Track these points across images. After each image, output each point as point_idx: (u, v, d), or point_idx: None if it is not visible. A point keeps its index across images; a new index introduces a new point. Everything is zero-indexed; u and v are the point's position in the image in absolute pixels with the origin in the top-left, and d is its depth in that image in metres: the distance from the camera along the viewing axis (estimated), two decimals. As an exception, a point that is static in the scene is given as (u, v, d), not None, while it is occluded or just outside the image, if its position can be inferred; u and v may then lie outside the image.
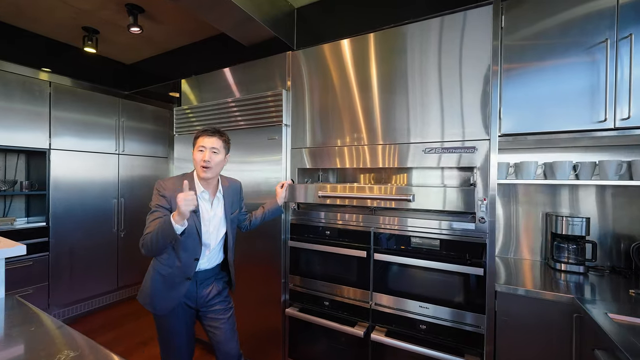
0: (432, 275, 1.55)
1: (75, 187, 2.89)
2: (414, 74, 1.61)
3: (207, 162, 1.40)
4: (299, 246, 1.91)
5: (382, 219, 1.68)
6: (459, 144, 1.49)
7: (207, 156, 1.40)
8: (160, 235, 1.25)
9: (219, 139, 1.45)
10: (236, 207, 1.60)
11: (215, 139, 1.43)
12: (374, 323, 1.70)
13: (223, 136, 1.47)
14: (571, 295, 1.30)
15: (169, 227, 1.23)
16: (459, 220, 1.50)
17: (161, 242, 1.27)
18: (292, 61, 1.99)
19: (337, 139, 1.83)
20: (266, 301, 2.04)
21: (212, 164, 1.41)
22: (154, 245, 1.28)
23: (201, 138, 1.42)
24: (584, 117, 1.36)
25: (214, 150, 1.42)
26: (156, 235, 1.26)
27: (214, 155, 1.42)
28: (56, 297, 2.74)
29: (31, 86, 2.60)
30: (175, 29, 2.55)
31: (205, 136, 1.42)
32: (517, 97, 1.49)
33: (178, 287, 1.40)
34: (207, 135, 1.42)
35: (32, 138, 2.62)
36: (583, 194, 1.75)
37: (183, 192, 1.24)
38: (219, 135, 1.45)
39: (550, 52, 1.42)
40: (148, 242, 1.28)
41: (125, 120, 3.26)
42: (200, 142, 1.42)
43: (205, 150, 1.41)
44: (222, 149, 1.46)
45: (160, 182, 1.41)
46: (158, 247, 1.29)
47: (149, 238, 1.28)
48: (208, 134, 1.43)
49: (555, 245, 1.69)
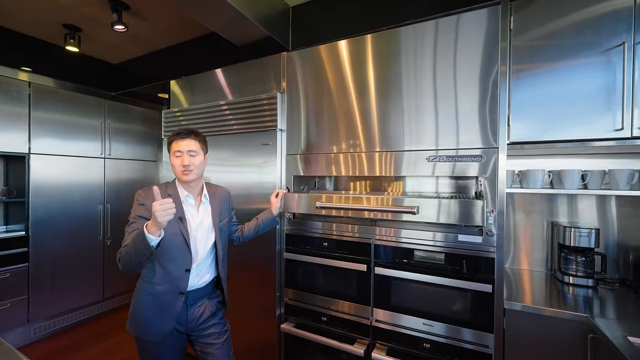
0: (437, 291, 1.46)
1: (57, 194, 2.73)
2: (416, 77, 1.52)
3: (187, 167, 1.30)
4: (295, 258, 1.81)
5: (383, 230, 1.59)
6: (466, 152, 1.41)
7: (186, 160, 1.30)
8: (132, 250, 1.12)
9: (194, 139, 1.34)
10: (225, 216, 1.48)
11: (190, 141, 1.32)
12: (374, 340, 1.61)
13: (198, 136, 1.37)
14: (585, 314, 1.22)
15: (142, 239, 1.08)
16: (466, 233, 1.42)
17: (134, 259, 1.13)
18: (287, 62, 1.88)
19: (334, 145, 1.73)
20: (260, 315, 1.93)
21: (192, 167, 1.31)
22: (129, 261, 1.14)
23: (175, 142, 1.32)
24: (599, 124, 1.28)
25: (192, 153, 1.32)
26: (130, 252, 1.13)
27: (193, 158, 1.32)
28: (37, 311, 2.58)
29: (8, 87, 2.44)
30: (163, 27, 2.42)
31: (179, 139, 1.31)
32: (526, 100, 1.41)
33: (172, 306, 1.28)
34: (180, 138, 1.32)
35: (10, 142, 2.46)
36: (588, 203, 1.69)
37: (157, 200, 1.08)
38: (193, 136, 1.34)
39: (562, 53, 1.35)
40: (124, 257, 1.15)
41: (111, 122, 3.11)
42: (176, 146, 1.31)
43: (182, 154, 1.31)
44: (200, 150, 1.36)
45: (140, 191, 1.30)
46: (132, 264, 1.14)
47: (125, 252, 1.15)
48: (182, 136, 1.32)
49: (562, 256, 1.62)
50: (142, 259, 1.13)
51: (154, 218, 1.07)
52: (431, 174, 1.47)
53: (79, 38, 2.46)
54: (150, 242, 1.09)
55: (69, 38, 2.40)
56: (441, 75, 1.46)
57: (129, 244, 1.14)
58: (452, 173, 1.43)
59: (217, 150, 2.08)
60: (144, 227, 1.10)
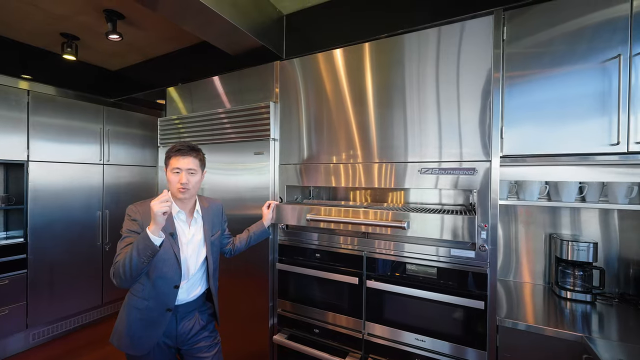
0: (429, 306, 1.43)
1: (56, 200, 2.75)
2: (412, 87, 1.49)
3: (185, 185, 1.28)
4: (288, 269, 1.79)
5: (376, 242, 1.57)
6: (457, 164, 1.38)
7: (184, 179, 1.28)
8: (135, 253, 1.11)
9: (195, 158, 1.32)
10: (217, 229, 1.47)
11: (190, 159, 1.30)
12: (366, 354, 1.59)
13: (199, 154, 1.35)
14: (580, 334, 1.18)
15: (146, 239, 1.10)
16: (458, 247, 1.39)
17: (136, 261, 1.11)
18: (281, 71, 1.87)
19: (330, 155, 1.71)
20: (253, 326, 1.92)
21: (189, 186, 1.30)
22: (129, 267, 1.11)
23: (175, 159, 1.29)
24: (594, 138, 1.24)
25: (191, 171, 1.31)
26: (130, 255, 1.11)
27: (191, 177, 1.31)
28: (35, 316, 2.60)
29: (7, 95, 2.46)
30: (158, 36, 2.43)
31: (180, 156, 1.29)
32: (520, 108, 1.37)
33: (158, 322, 1.27)
34: (181, 156, 1.29)
35: (9, 149, 2.48)
36: (587, 215, 1.64)
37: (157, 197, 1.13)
38: (194, 154, 1.33)
39: (556, 64, 1.31)
40: (120, 267, 1.13)
41: (110, 128, 3.13)
42: (175, 163, 1.29)
43: (181, 172, 1.29)
44: (199, 168, 1.34)
45: (131, 207, 1.29)
46: (134, 269, 1.12)
47: (121, 262, 1.13)
48: (182, 153, 1.30)
49: (559, 270, 1.58)
50: (142, 259, 1.11)
51: (152, 213, 1.10)
52: (431, 186, 1.43)
53: (76, 46, 2.47)
54: (153, 241, 1.11)
55: (66, 47, 2.42)
56: (424, 88, 1.44)
57: (129, 251, 1.13)
58: (452, 187, 1.40)
59: (212, 158, 2.07)
60: (145, 230, 1.13)
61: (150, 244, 1.11)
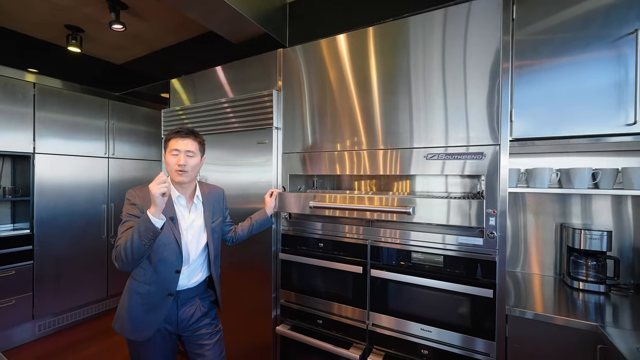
0: (435, 295, 1.39)
1: (62, 192, 2.77)
2: (417, 72, 1.45)
3: (183, 166, 1.26)
4: (291, 259, 1.77)
5: (380, 231, 1.53)
6: (464, 149, 1.34)
7: (182, 160, 1.26)
8: (136, 235, 1.09)
9: (194, 140, 1.31)
10: (218, 216, 1.45)
11: (189, 141, 1.29)
12: (370, 345, 1.55)
13: (198, 137, 1.34)
14: (594, 323, 1.14)
15: (147, 222, 1.09)
16: (466, 235, 1.35)
17: (137, 244, 1.09)
18: (284, 59, 1.84)
19: (334, 143, 1.68)
20: (256, 317, 1.90)
21: (187, 168, 1.28)
22: (130, 250, 1.10)
23: (174, 140, 1.28)
24: (609, 118, 1.19)
25: (189, 153, 1.29)
26: (131, 238, 1.10)
27: (190, 159, 1.29)
28: (41, 307, 2.62)
29: (13, 87, 2.48)
30: (162, 26, 2.42)
31: (179, 138, 1.28)
32: (530, 97, 1.33)
33: (159, 307, 1.26)
34: (180, 137, 1.28)
35: (15, 142, 2.50)
36: (599, 204, 1.59)
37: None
38: (193, 136, 1.31)
39: (568, 46, 1.26)
40: (122, 250, 1.11)
41: (115, 122, 3.14)
42: (174, 144, 1.28)
43: (179, 153, 1.27)
44: (198, 152, 1.33)
45: (130, 191, 1.28)
46: (135, 251, 1.10)
47: (123, 245, 1.12)
48: (181, 135, 1.28)
49: (571, 260, 1.53)
50: (144, 241, 1.10)
51: (151, 196, 1.09)
52: (437, 172, 1.39)
53: (80, 38, 2.48)
54: (154, 224, 1.09)
55: (71, 39, 2.43)
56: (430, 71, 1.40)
57: (130, 234, 1.11)
58: (458, 172, 1.35)
59: (215, 148, 2.06)
60: (146, 212, 1.11)
61: (151, 226, 1.10)
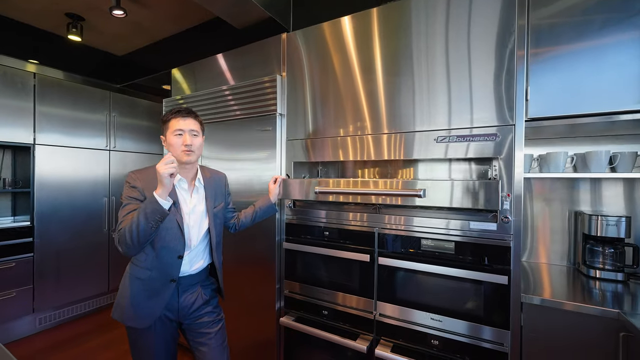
0: (446, 283, 1.34)
1: (62, 185, 2.73)
2: (420, 52, 1.40)
3: (189, 146, 1.23)
4: (295, 248, 1.72)
5: (388, 217, 1.48)
6: (478, 130, 1.28)
7: (189, 139, 1.23)
8: (142, 217, 1.06)
9: (195, 120, 1.29)
10: (220, 201, 1.40)
11: (191, 120, 1.26)
12: (378, 336, 1.50)
13: (198, 117, 1.32)
14: (615, 310, 1.08)
15: (154, 203, 1.06)
16: (478, 220, 1.29)
17: (143, 226, 1.06)
18: (288, 44, 1.79)
19: (338, 128, 1.63)
20: (258, 309, 1.85)
21: (194, 148, 1.25)
22: (136, 233, 1.06)
23: (175, 120, 1.24)
24: (630, 96, 1.13)
25: (194, 132, 1.26)
26: (137, 220, 1.06)
27: (195, 138, 1.26)
28: (42, 301, 2.59)
29: (13, 77, 2.45)
30: (163, 14, 2.38)
31: (180, 118, 1.24)
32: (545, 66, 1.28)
33: (161, 293, 1.21)
34: (181, 117, 1.24)
35: (15, 132, 2.47)
36: (614, 190, 1.54)
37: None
38: (194, 116, 1.29)
39: (588, 25, 1.20)
40: (127, 232, 1.07)
41: (116, 115, 3.10)
42: (175, 124, 1.24)
43: (184, 133, 1.23)
44: (200, 131, 1.31)
45: (131, 174, 1.23)
46: (141, 234, 1.07)
47: (127, 227, 1.08)
48: (182, 115, 1.25)
49: (587, 248, 1.47)
50: (151, 223, 1.07)
51: (158, 176, 1.07)
52: (443, 156, 1.34)
53: (81, 27, 2.44)
54: (162, 205, 1.07)
55: (72, 27, 2.39)
56: (454, 48, 1.34)
57: (135, 216, 1.08)
58: (464, 155, 1.30)
59: (217, 137, 2.02)
60: (153, 193, 1.08)
61: (158, 208, 1.07)
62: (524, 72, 1.22)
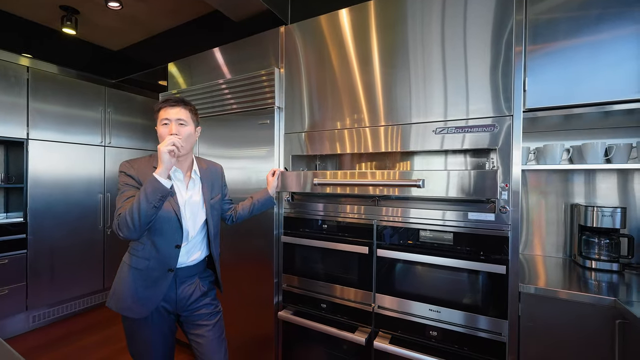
0: (444, 274, 1.34)
1: (57, 181, 2.69)
2: (423, 43, 1.40)
3: (175, 136, 1.21)
4: (293, 242, 1.71)
5: (386, 209, 1.48)
6: (475, 121, 1.29)
7: (174, 129, 1.20)
8: (143, 198, 1.05)
9: (184, 108, 1.25)
10: (217, 192, 1.39)
11: (179, 109, 1.23)
12: (377, 328, 1.50)
13: (188, 105, 1.27)
14: (612, 297, 1.09)
15: (154, 182, 1.06)
16: (476, 210, 1.30)
17: (145, 207, 1.04)
18: (286, 37, 1.79)
19: (336, 121, 1.63)
20: (256, 303, 1.84)
21: (180, 137, 1.21)
22: (137, 214, 1.05)
23: (163, 110, 1.22)
24: (629, 85, 1.15)
25: (181, 121, 1.22)
26: (138, 201, 1.05)
27: (182, 128, 1.22)
28: (35, 298, 2.55)
29: (6, 71, 2.41)
30: (159, 7, 2.36)
31: (168, 107, 1.22)
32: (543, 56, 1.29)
33: (159, 283, 1.20)
34: (169, 106, 1.22)
35: (8, 127, 2.43)
36: (609, 182, 1.55)
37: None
38: (183, 104, 1.25)
39: (585, 15, 1.22)
40: (128, 215, 1.06)
41: (111, 111, 3.07)
42: (163, 114, 1.22)
43: (170, 122, 1.21)
44: (190, 120, 1.26)
45: (124, 163, 1.22)
46: (142, 215, 1.05)
47: (129, 210, 1.06)
48: (170, 103, 1.22)
49: (583, 239, 1.49)
50: (152, 203, 1.05)
51: (159, 153, 1.09)
52: (439, 147, 1.35)
53: (76, 20, 2.41)
54: (163, 184, 1.07)
55: (66, 20, 2.35)
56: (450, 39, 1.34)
57: (137, 196, 1.07)
58: (461, 146, 1.31)
59: (213, 132, 2.00)
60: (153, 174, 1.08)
61: (159, 186, 1.06)
62: (522, 63, 1.23)
